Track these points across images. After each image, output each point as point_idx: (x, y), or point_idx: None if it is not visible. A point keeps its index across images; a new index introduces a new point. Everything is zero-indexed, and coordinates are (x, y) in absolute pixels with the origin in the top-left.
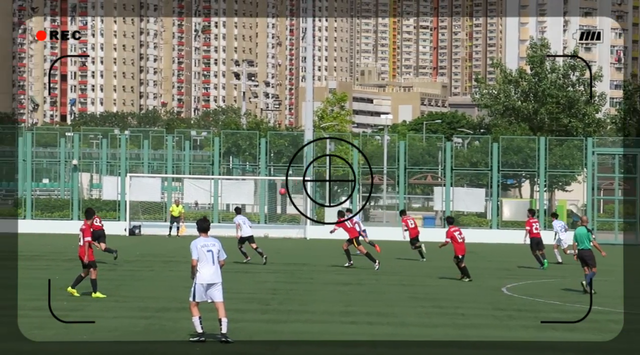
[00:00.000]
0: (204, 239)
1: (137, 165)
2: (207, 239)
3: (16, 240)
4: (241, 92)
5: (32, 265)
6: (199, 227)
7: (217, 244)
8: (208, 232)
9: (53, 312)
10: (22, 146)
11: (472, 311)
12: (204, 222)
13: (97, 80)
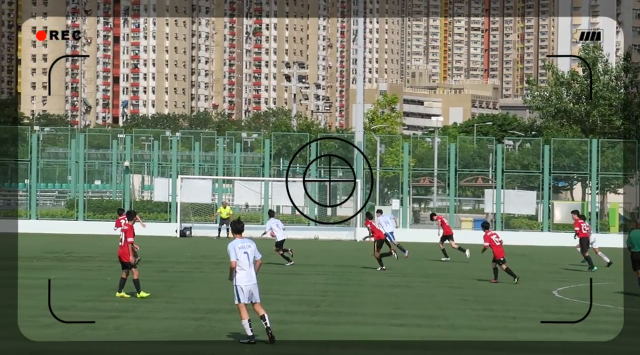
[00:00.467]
0: (240, 240)
1: (188, 167)
2: (243, 241)
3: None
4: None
5: (85, 266)
6: (233, 228)
7: (252, 245)
8: (242, 234)
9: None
10: (75, 148)
11: (522, 314)
12: (239, 224)
13: (148, 82)
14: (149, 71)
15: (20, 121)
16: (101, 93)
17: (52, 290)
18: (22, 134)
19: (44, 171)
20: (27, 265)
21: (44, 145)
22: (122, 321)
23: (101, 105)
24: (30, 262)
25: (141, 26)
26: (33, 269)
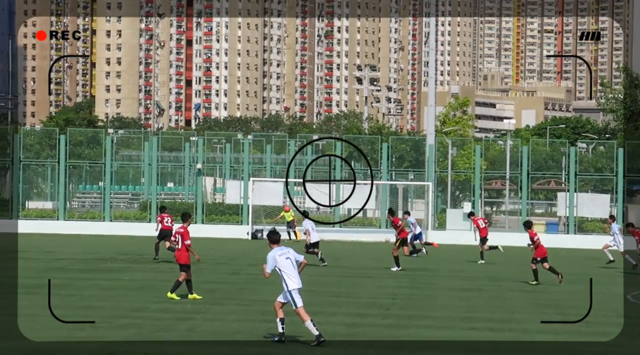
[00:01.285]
0: (278, 248)
1: (260, 170)
2: (281, 248)
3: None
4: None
5: (158, 268)
6: (271, 239)
7: (291, 251)
8: (279, 243)
9: None
10: (148, 150)
11: (595, 318)
12: (275, 234)
13: (221, 85)
14: (221, 74)
15: (94, 124)
16: (174, 96)
17: (125, 292)
18: (97, 137)
19: (117, 173)
20: (102, 266)
21: (118, 148)
22: (194, 323)
23: (174, 108)
24: (104, 263)
25: (214, 29)
26: (107, 271)
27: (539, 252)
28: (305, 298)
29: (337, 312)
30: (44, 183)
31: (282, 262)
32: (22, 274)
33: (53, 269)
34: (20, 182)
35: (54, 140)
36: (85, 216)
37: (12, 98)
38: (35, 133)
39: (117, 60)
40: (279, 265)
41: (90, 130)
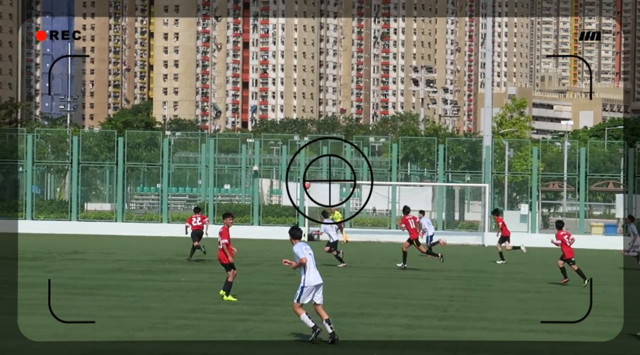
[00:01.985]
0: (302, 243)
1: (316, 171)
2: (305, 244)
3: None
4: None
5: (215, 269)
6: (293, 234)
7: (310, 248)
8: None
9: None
10: (205, 152)
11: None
12: (298, 230)
13: (277, 87)
14: (278, 76)
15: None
16: (231, 98)
17: (183, 293)
18: (154, 139)
19: (175, 175)
20: (159, 268)
21: (175, 150)
22: (251, 324)
23: (231, 110)
24: (162, 264)
25: (270, 31)
26: (165, 272)
27: (566, 253)
28: (361, 300)
29: (393, 314)
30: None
31: (307, 258)
32: (82, 275)
33: (111, 270)
34: (79, 184)
35: (112, 142)
36: (143, 218)
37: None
38: (94, 135)
39: (174, 62)
40: None
41: (147, 132)
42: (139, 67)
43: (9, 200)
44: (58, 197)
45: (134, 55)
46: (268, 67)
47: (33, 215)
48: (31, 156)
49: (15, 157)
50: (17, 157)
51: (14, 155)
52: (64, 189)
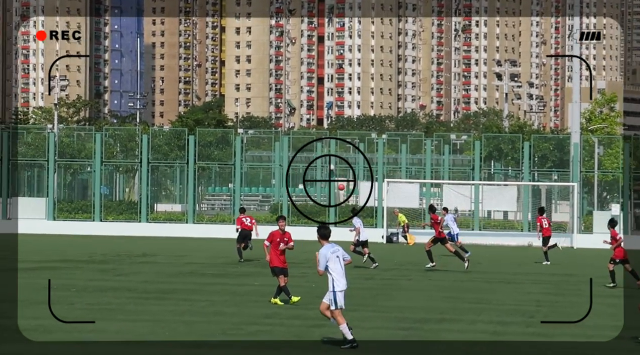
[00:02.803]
0: (329, 245)
1: (395, 170)
2: (332, 246)
3: None
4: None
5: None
6: (321, 234)
7: (340, 249)
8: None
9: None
10: (279, 151)
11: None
12: (326, 229)
13: (354, 82)
14: (354, 71)
15: (224, 124)
16: (305, 94)
17: (256, 297)
18: (226, 137)
19: (247, 175)
20: (232, 271)
21: (248, 148)
22: (327, 330)
23: (305, 106)
24: (235, 268)
25: (346, 25)
26: (238, 275)
27: (618, 254)
28: (443, 304)
29: (477, 320)
30: (173, 185)
31: (333, 261)
32: (153, 279)
33: (183, 274)
34: (148, 184)
35: (182, 140)
36: (214, 219)
37: (141, 98)
38: (164, 133)
39: (246, 58)
40: (328, 264)
41: (219, 130)
42: (210, 62)
43: (77, 201)
44: (127, 198)
45: (205, 51)
46: (344, 62)
47: (102, 216)
48: (100, 156)
49: (83, 156)
50: (85, 156)
51: (82, 155)
52: (133, 190)
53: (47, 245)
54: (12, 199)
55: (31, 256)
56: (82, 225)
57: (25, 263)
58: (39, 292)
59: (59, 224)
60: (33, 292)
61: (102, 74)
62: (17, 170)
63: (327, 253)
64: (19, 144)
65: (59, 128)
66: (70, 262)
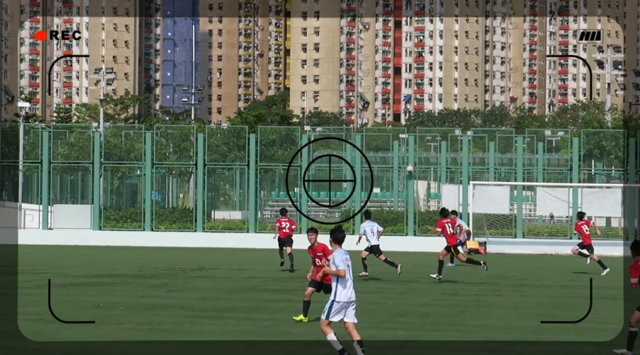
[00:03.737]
0: (343, 251)
1: (482, 172)
2: (345, 253)
3: None
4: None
5: (365, 287)
6: (334, 238)
7: (350, 259)
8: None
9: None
10: (351, 150)
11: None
12: (340, 233)
13: (435, 73)
14: (435, 60)
15: (289, 120)
16: (380, 86)
17: None
18: (292, 135)
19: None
20: (300, 286)
21: (316, 148)
22: (405, 352)
23: (380, 100)
24: (302, 282)
25: (426, 8)
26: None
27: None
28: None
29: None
30: (232, 190)
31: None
32: (210, 296)
33: (244, 290)
34: (204, 188)
35: (242, 139)
36: None
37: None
38: (222, 132)
39: (314, 46)
40: None
41: (284, 127)
42: (274, 52)
43: (125, 208)
44: (181, 205)
45: (268, 39)
46: (424, 50)
47: (153, 225)
48: (150, 157)
49: (132, 158)
50: (134, 158)
51: (131, 157)
52: (188, 195)
53: (92, 258)
54: (54, 206)
55: (74, 270)
56: (131, 235)
57: (68, 278)
58: (85, 311)
59: (105, 234)
60: (78, 310)
61: (152, 66)
62: (59, 174)
63: (342, 257)
64: (61, 145)
65: (105, 127)
66: (117, 276)
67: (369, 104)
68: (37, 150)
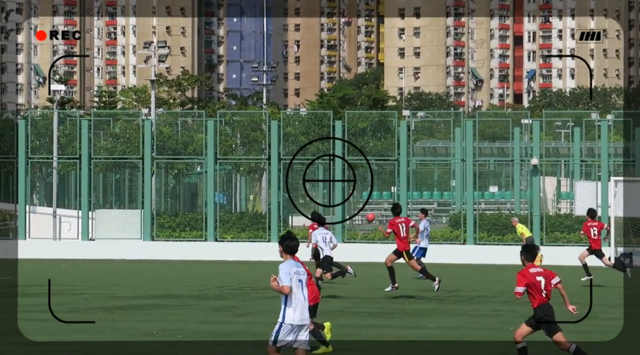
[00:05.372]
0: (294, 263)
1: (626, 165)
2: (297, 264)
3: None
4: None
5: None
6: (285, 246)
7: (305, 273)
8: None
9: None
10: (460, 140)
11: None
12: (292, 241)
13: (565, 42)
14: (566, 26)
15: (383, 103)
16: (497, 60)
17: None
18: (386, 122)
19: (417, 174)
20: (398, 308)
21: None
22: None
23: (497, 77)
24: (403, 303)
25: None
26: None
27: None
28: None
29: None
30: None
31: (292, 284)
32: None
33: (329, 312)
34: (280, 188)
35: (326, 128)
36: (372, 236)
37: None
38: (301, 118)
39: (414, 11)
40: None
41: (376, 112)
42: (364, 19)
43: (183, 214)
44: (251, 209)
45: (357, 2)
46: (551, 13)
47: (217, 234)
48: (213, 151)
49: (191, 152)
50: (193, 152)
51: (189, 150)
52: (260, 197)
53: (142, 274)
54: (96, 212)
55: (122, 290)
56: (190, 246)
57: (113, 300)
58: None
59: (158, 245)
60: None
61: (215, 39)
62: (102, 172)
63: (289, 270)
64: (104, 136)
65: (157, 114)
66: (174, 297)
67: (483, 82)
68: (75, 144)
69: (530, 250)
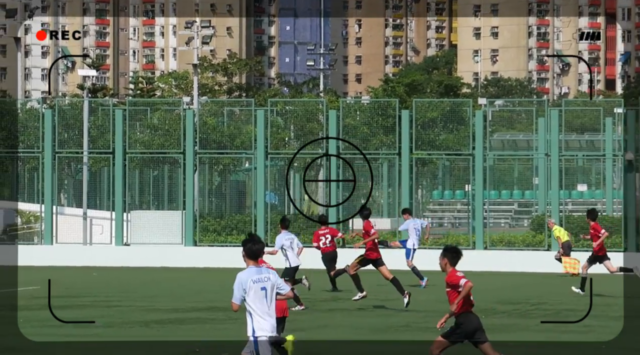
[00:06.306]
0: (256, 269)
1: None
2: (260, 270)
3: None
4: None
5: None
6: (247, 251)
7: (271, 277)
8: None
9: None
10: (544, 131)
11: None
12: (255, 244)
13: None
14: None
15: (456, 90)
16: (586, 42)
17: None
18: (459, 111)
19: (495, 171)
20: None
21: (495, 129)
22: None
23: (586, 59)
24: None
25: None
26: None
27: None
28: None
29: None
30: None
31: (254, 294)
32: (347, 336)
33: (394, 329)
34: (339, 187)
35: (390, 118)
36: (443, 241)
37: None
38: (362, 108)
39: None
40: (246, 297)
41: (447, 100)
42: None
43: (230, 215)
44: (307, 210)
45: None
46: None
47: (268, 239)
48: (263, 144)
49: (238, 146)
50: (241, 146)
51: (236, 144)
52: (317, 197)
53: (184, 284)
54: (131, 213)
55: (161, 302)
56: (238, 253)
57: (151, 313)
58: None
59: (202, 251)
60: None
61: (265, 19)
62: (138, 168)
63: (247, 280)
64: (141, 127)
65: (200, 103)
66: (220, 310)
67: (570, 66)
68: (107, 136)
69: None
